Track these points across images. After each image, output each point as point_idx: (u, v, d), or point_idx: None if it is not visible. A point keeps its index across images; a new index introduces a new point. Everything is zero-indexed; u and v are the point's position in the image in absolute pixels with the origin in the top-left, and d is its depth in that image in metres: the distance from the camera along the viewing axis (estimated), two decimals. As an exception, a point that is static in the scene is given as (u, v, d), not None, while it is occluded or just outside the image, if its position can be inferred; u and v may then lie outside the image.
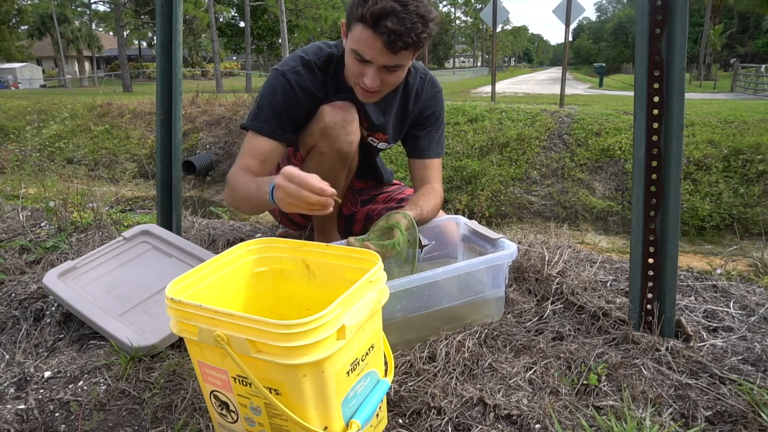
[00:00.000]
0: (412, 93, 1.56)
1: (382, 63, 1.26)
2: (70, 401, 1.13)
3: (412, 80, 1.55)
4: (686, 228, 7.10)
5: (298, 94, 1.43)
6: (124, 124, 12.27)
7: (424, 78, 1.58)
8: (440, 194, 1.60)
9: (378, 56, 1.24)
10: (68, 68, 37.15)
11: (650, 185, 1.23)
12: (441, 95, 1.62)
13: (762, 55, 35.63)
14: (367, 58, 1.25)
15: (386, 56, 1.24)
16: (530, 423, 1.01)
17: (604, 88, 24.10)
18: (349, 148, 1.46)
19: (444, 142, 1.68)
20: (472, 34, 66.04)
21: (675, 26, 1.14)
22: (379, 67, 1.28)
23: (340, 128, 1.42)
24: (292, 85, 1.42)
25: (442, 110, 1.63)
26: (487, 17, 11.41)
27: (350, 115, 1.43)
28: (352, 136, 1.45)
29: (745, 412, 1.02)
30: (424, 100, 1.58)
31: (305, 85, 1.43)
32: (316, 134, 1.45)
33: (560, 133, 8.78)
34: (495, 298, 1.37)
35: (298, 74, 1.43)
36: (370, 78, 1.29)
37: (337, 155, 1.46)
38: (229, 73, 37.07)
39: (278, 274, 1.08)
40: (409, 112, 1.58)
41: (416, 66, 1.57)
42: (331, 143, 1.43)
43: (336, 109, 1.42)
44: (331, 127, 1.41)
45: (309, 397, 0.79)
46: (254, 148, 1.43)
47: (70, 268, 1.51)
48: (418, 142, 1.62)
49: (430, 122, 1.61)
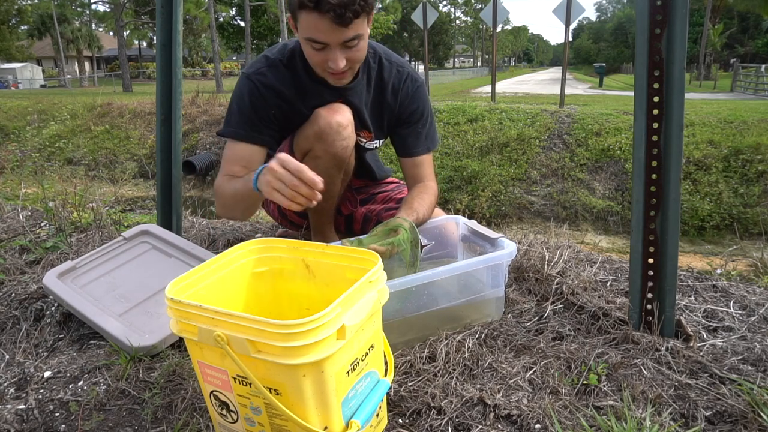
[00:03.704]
0: (388, 87, 1.52)
1: (339, 41, 1.22)
2: (70, 401, 1.13)
3: (387, 75, 1.51)
4: (686, 228, 7.11)
5: (265, 95, 1.42)
6: (124, 124, 12.27)
7: (401, 72, 1.53)
8: (434, 191, 1.58)
9: (332, 36, 1.20)
10: (68, 68, 37.17)
11: (650, 185, 1.23)
12: (423, 90, 1.57)
13: (762, 55, 35.65)
14: (323, 41, 1.22)
15: (340, 32, 1.20)
16: (530, 423, 1.01)
17: (604, 88, 24.12)
18: (345, 152, 1.43)
19: (436, 135, 1.64)
20: (472, 34, 66.06)
21: (675, 26, 1.14)
22: (338, 47, 1.24)
23: (335, 132, 1.39)
24: (257, 86, 1.41)
25: (425, 105, 1.58)
26: (487, 17, 11.41)
27: (345, 119, 1.41)
28: (348, 140, 1.42)
29: (745, 412, 1.02)
30: (403, 97, 1.54)
31: (271, 84, 1.42)
32: (311, 138, 1.43)
33: (560, 133, 8.78)
34: (495, 298, 1.37)
35: (263, 75, 1.42)
36: (335, 61, 1.25)
37: (333, 159, 1.44)
38: (230, 73, 37.06)
39: (278, 274, 1.08)
40: (385, 106, 1.54)
41: (391, 59, 1.53)
42: (327, 147, 1.41)
43: (331, 113, 1.40)
44: (326, 131, 1.39)
45: (309, 397, 0.79)
46: (234, 154, 1.43)
47: (70, 268, 1.51)
48: (405, 140, 1.59)
49: (414, 119, 1.57)
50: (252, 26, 26.84)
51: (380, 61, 1.51)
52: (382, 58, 1.51)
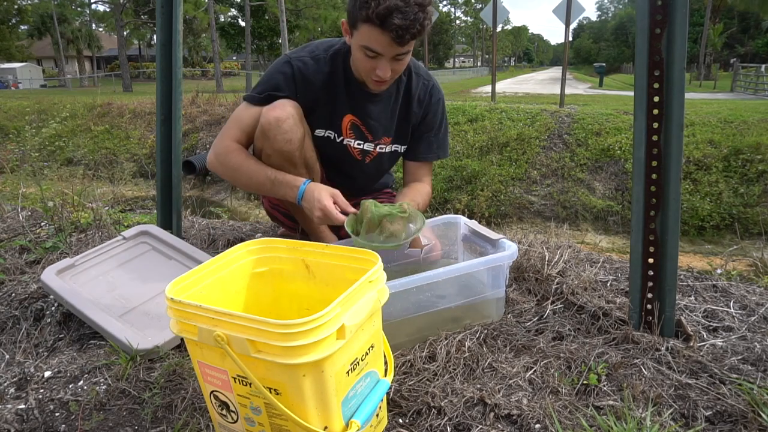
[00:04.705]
0: (414, 98, 1.62)
1: (391, 55, 1.35)
2: (70, 401, 1.13)
3: (414, 87, 1.61)
4: (686, 228, 7.10)
5: (297, 79, 1.50)
6: (124, 124, 12.26)
7: (427, 85, 1.64)
8: (429, 194, 1.68)
9: (388, 50, 1.34)
10: (68, 68, 37.17)
11: (650, 185, 1.23)
12: (443, 102, 1.70)
13: (762, 55, 35.63)
14: (379, 52, 1.34)
15: (396, 49, 1.34)
16: (530, 423, 1.01)
17: (604, 88, 24.10)
18: (289, 146, 1.46)
19: (446, 145, 1.73)
20: (472, 34, 66.06)
21: (675, 26, 1.14)
22: (389, 59, 1.37)
23: (275, 127, 1.43)
24: (294, 70, 1.50)
25: (443, 116, 1.69)
26: (487, 17, 11.40)
27: (284, 113, 1.44)
28: (290, 133, 1.44)
29: (745, 412, 1.02)
30: (426, 107, 1.65)
31: (307, 74, 1.50)
32: (259, 137, 1.48)
33: (560, 132, 8.77)
34: (495, 299, 1.37)
35: (304, 63, 1.51)
36: (382, 70, 1.38)
37: (280, 154, 1.47)
38: (229, 73, 37.07)
39: (278, 275, 1.08)
40: (412, 115, 1.64)
41: (419, 72, 1.63)
42: (271, 143, 1.45)
43: (270, 109, 1.45)
44: (266, 128, 1.44)
45: (309, 397, 0.79)
46: (249, 116, 1.51)
47: (69, 266, 1.51)
48: (417, 145, 1.68)
49: (430, 127, 1.67)
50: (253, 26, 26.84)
51: (410, 74, 1.62)
52: (411, 72, 1.62)
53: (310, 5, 24.83)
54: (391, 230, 1.30)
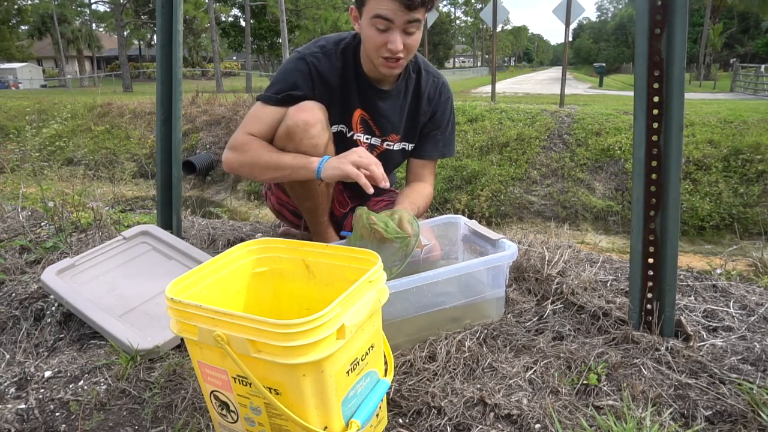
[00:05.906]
0: (424, 96, 1.62)
1: (403, 20, 1.34)
2: (71, 401, 1.13)
3: (424, 84, 1.61)
4: (686, 228, 7.10)
5: (314, 76, 1.49)
6: (124, 124, 12.27)
7: (437, 82, 1.64)
8: (431, 194, 1.68)
9: (399, 15, 1.33)
10: (68, 68, 37.17)
11: (650, 185, 1.23)
12: (452, 100, 1.69)
13: (762, 55, 35.63)
14: (390, 18, 1.33)
15: (405, 14, 1.33)
16: (530, 423, 1.01)
17: (604, 88, 24.11)
18: (314, 151, 1.44)
19: (453, 144, 1.73)
20: (472, 34, 66.09)
21: (675, 26, 1.14)
22: (400, 30, 1.36)
23: (303, 131, 1.41)
24: (309, 67, 1.49)
25: (450, 114, 1.69)
26: (487, 17, 11.40)
27: (313, 117, 1.43)
28: (316, 139, 1.43)
29: (744, 412, 1.02)
30: (435, 104, 1.64)
31: (321, 70, 1.50)
32: (282, 137, 1.45)
33: (560, 132, 8.77)
34: (495, 299, 1.37)
35: (317, 59, 1.50)
36: (394, 42, 1.36)
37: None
38: (229, 73, 37.05)
39: (278, 275, 1.08)
40: (421, 113, 1.64)
41: (429, 70, 1.63)
42: (296, 146, 1.43)
43: (298, 111, 1.43)
44: (293, 130, 1.42)
45: (309, 397, 0.79)
46: (266, 114, 1.49)
47: (69, 266, 1.51)
48: (424, 142, 1.68)
49: (437, 125, 1.67)
50: (253, 27, 26.84)
51: (419, 71, 1.61)
52: (421, 69, 1.62)
53: (310, 5, 24.84)
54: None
